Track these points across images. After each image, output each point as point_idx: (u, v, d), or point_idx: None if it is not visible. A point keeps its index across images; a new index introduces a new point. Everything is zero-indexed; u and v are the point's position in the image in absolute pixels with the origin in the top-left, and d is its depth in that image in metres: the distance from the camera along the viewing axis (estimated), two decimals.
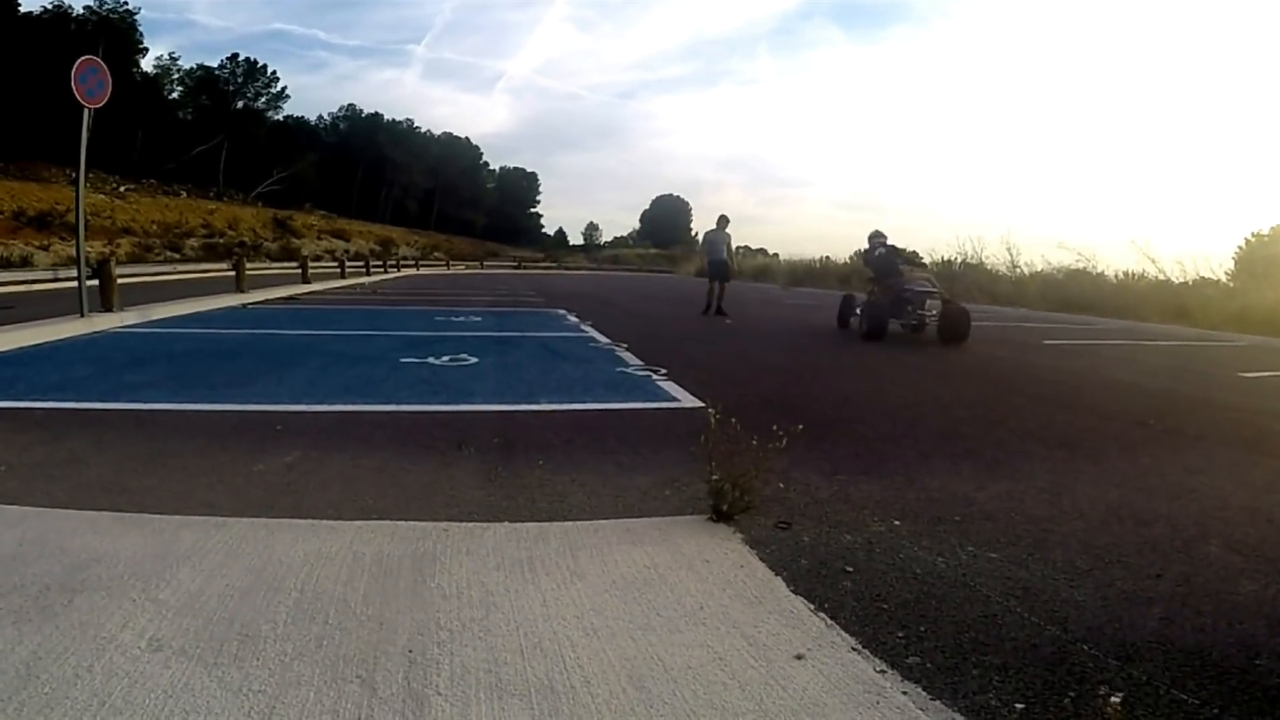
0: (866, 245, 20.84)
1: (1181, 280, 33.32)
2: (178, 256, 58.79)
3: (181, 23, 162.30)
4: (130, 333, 14.31)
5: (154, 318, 16.50)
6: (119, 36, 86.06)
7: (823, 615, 3.63)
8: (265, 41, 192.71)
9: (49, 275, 23.05)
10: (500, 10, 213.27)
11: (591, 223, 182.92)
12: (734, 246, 25.10)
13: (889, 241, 20.07)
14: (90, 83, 14.14)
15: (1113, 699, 2.97)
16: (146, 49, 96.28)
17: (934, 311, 17.85)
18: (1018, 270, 42.23)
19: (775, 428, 4.91)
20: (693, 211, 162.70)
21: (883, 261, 19.37)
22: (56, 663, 2.96)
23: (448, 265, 79.66)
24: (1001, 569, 4.29)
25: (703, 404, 7.91)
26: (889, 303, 18.29)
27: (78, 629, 3.23)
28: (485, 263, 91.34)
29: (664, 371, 10.92)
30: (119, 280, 16.68)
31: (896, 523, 5.00)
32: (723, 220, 24.14)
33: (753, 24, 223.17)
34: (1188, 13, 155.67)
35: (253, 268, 29.10)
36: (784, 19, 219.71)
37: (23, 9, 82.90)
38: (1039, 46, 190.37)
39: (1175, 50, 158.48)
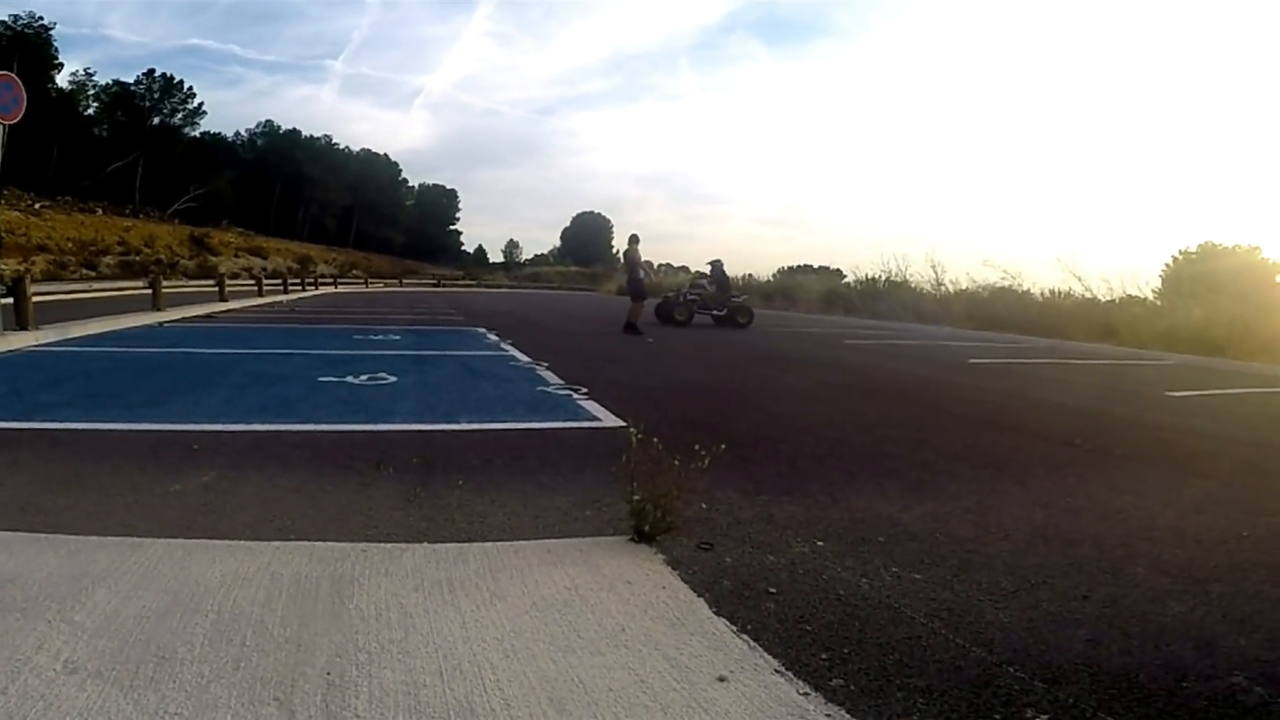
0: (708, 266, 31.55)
1: (1108, 298, 33.71)
2: (94, 274, 57.81)
3: (97, 38, 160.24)
4: (46, 351, 14.04)
5: (70, 336, 16.18)
6: (34, 51, 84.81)
7: (745, 637, 3.63)
8: (181, 57, 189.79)
9: None
10: (418, 25, 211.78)
11: (512, 240, 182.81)
12: (653, 264, 25.33)
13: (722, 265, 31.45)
14: (4, 98, 13.91)
15: None
16: (62, 64, 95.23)
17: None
18: (943, 288, 42.64)
19: (698, 447, 4.90)
20: (614, 229, 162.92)
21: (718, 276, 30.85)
22: None
23: (366, 283, 79.08)
24: (926, 590, 4.31)
25: (624, 423, 7.91)
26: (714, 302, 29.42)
27: None
28: (404, 281, 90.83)
29: (585, 390, 10.92)
30: (34, 298, 16.37)
31: (820, 543, 5.02)
32: (634, 239, 24.36)
33: (674, 39, 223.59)
34: (1116, 31, 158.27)
35: (169, 286, 28.68)
36: (705, 33, 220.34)
37: None
38: (964, 62, 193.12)
39: (1102, 69, 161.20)
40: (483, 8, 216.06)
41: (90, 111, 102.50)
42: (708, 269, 32.19)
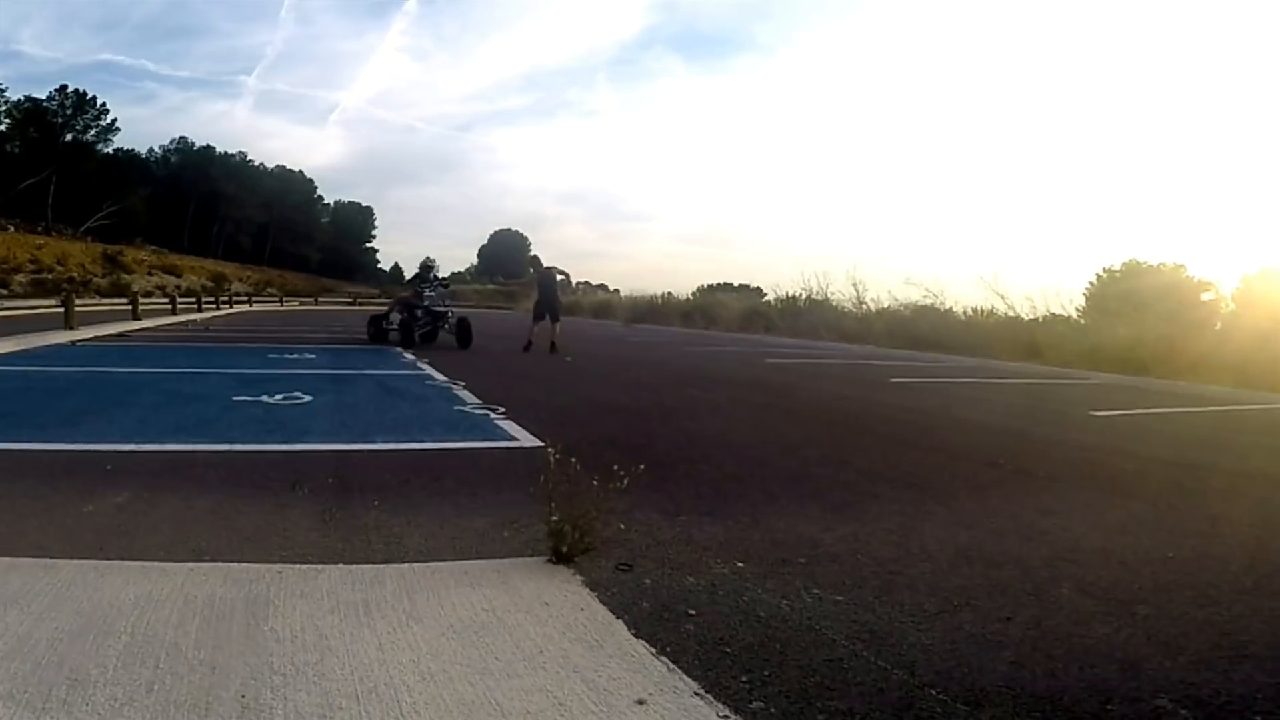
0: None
1: (1032, 317, 34.17)
2: (5, 293, 56.61)
3: (7, 53, 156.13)
4: None
5: None
6: None
7: (665, 659, 3.63)
8: (93, 73, 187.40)
9: None
10: (332, 40, 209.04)
11: (429, 257, 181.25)
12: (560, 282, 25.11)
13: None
14: None
15: None
16: None
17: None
18: (864, 306, 42.91)
19: (616, 467, 4.91)
20: (532, 246, 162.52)
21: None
22: None
23: (281, 301, 78.20)
24: (847, 612, 4.33)
25: (542, 443, 7.93)
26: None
27: None
28: (320, 299, 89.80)
29: (503, 410, 10.89)
30: None
31: (740, 565, 5.04)
32: (536, 260, 24.42)
33: (592, 53, 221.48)
34: (1036, 48, 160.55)
35: (82, 304, 28.21)
36: (623, 49, 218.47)
37: None
38: (886, 78, 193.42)
39: (1023, 84, 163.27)
40: (397, 22, 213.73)
41: (1, 128, 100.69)
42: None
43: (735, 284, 76.60)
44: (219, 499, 6.09)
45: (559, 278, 24.39)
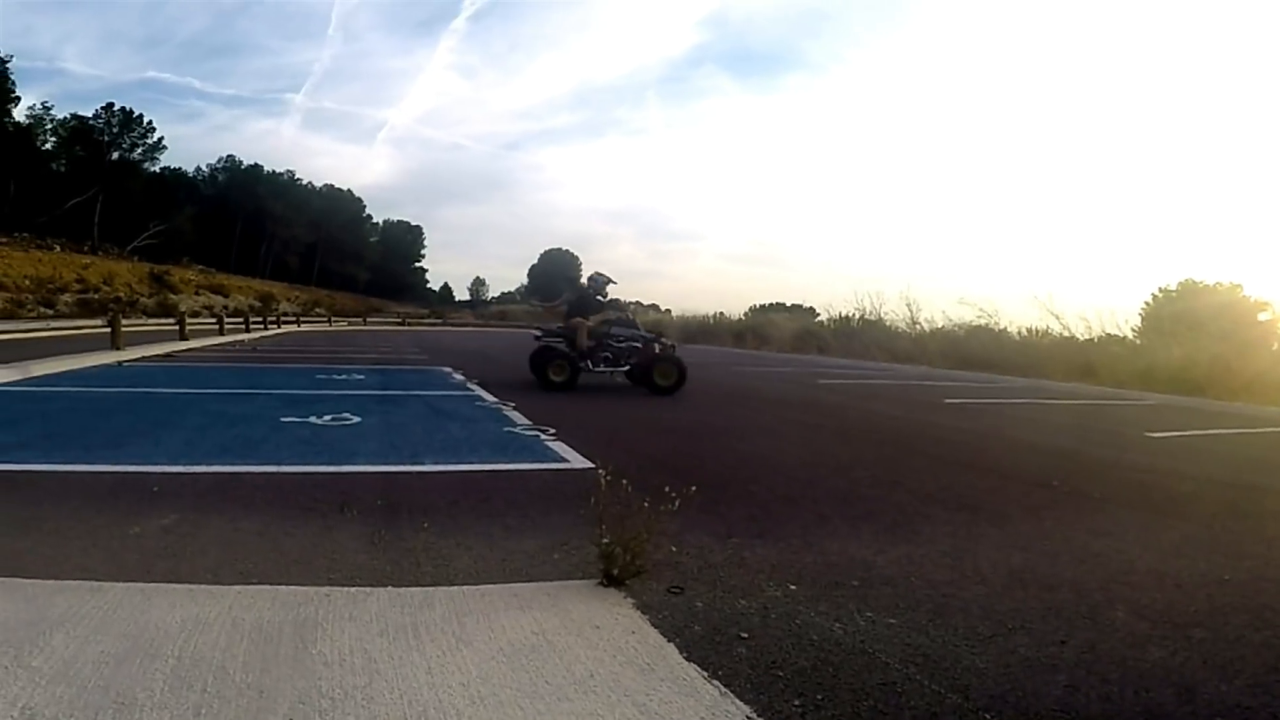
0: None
1: (1087, 337, 34.01)
2: (51, 313, 57.34)
3: (52, 71, 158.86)
4: (2, 391, 13.97)
5: (27, 375, 16.09)
6: None
7: (717, 683, 3.62)
8: (138, 90, 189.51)
9: None
10: (380, 58, 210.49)
11: (478, 278, 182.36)
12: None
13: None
14: None
15: None
16: (18, 98, 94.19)
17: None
18: (918, 327, 42.89)
19: (668, 489, 4.92)
20: (582, 266, 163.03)
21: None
22: None
23: (330, 321, 78.71)
24: (901, 635, 4.32)
25: (593, 465, 7.96)
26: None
27: None
28: (368, 319, 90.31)
29: (553, 431, 10.92)
30: None
31: (793, 587, 5.03)
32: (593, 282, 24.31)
33: (641, 71, 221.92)
34: (1095, 66, 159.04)
35: (129, 324, 28.51)
36: (673, 67, 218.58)
37: None
38: (941, 95, 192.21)
39: (1079, 103, 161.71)
40: (446, 40, 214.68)
41: (48, 146, 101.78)
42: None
43: (788, 304, 76.43)
44: (266, 521, 6.15)
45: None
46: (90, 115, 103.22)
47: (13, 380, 15.30)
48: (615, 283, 20.43)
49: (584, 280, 23.45)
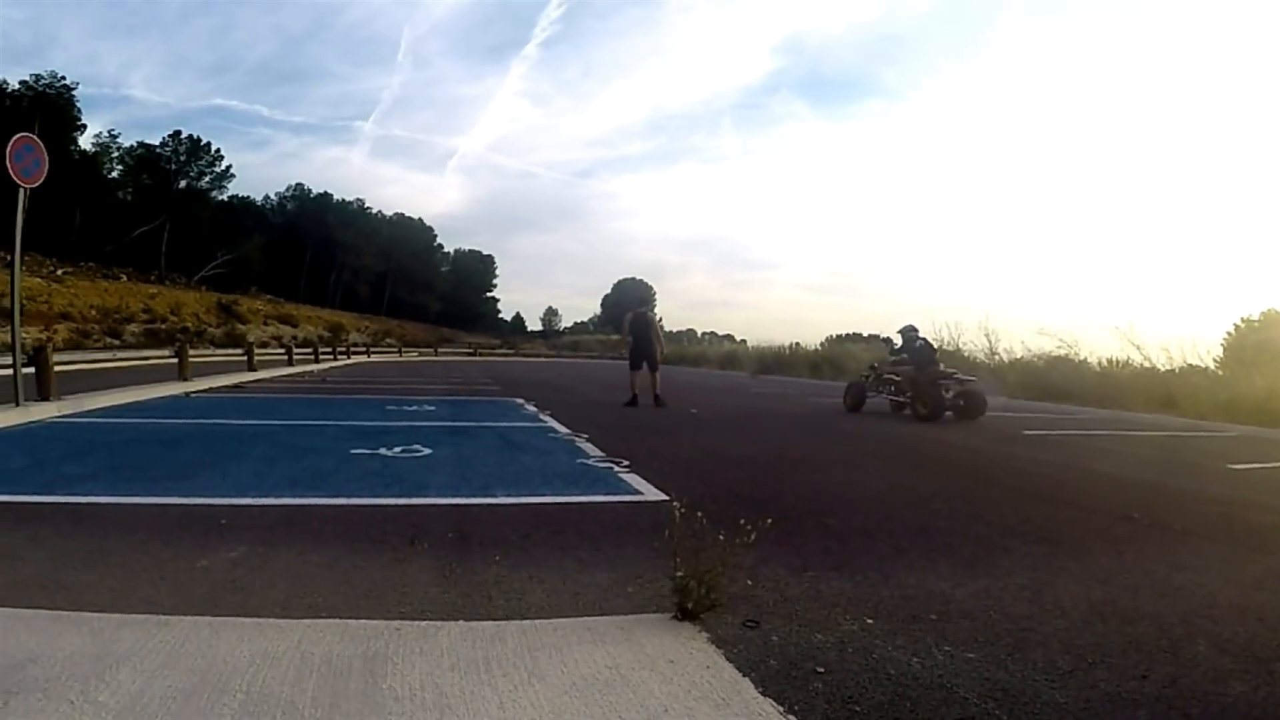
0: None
1: (1168, 368, 33.52)
2: (118, 343, 58.43)
3: (118, 98, 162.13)
4: (68, 423, 14.27)
5: (93, 407, 16.43)
6: (56, 113, 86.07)
7: (793, 718, 3.62)
8: (205, 118, 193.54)
9: None
10: (450, 84, 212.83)
11: (550, 307, 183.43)
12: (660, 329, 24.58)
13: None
14: (26, 161, 14.14)
15: None
16: (85, 126, 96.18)
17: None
18: (996, 357, 42.42)
19: (743, 522, 4.92)
20: (657, 295, 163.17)
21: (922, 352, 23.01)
22: None
23: (400, 352, 79.44)
24: (980, 669, 4.29)
25: (667, 497, 7.97)
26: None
27: None
28: (439, 349, 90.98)
29: (626, 463, 10.95)
30: (56, 368, 16.59)
31: (870, 621, 5.00)
32: (645, 303, 24.34)
33: (716, 98, 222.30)
34: (1180, 93, 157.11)
35: (196, 355, 28.98)
36: (748, 93, 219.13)
37: None
38: (1020, 122, 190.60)
39: (1160, 131, 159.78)
40: (517, 66, 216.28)
41: (114, 174, 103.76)
42: (898, 340, 24.77)
43: (864, 334, 75.85)
44: (336, 554, 6.21)
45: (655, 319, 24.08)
46: (157, 143, 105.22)
47: (79, 411, 15.62)
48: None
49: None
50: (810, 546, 6.94)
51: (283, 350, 46.56)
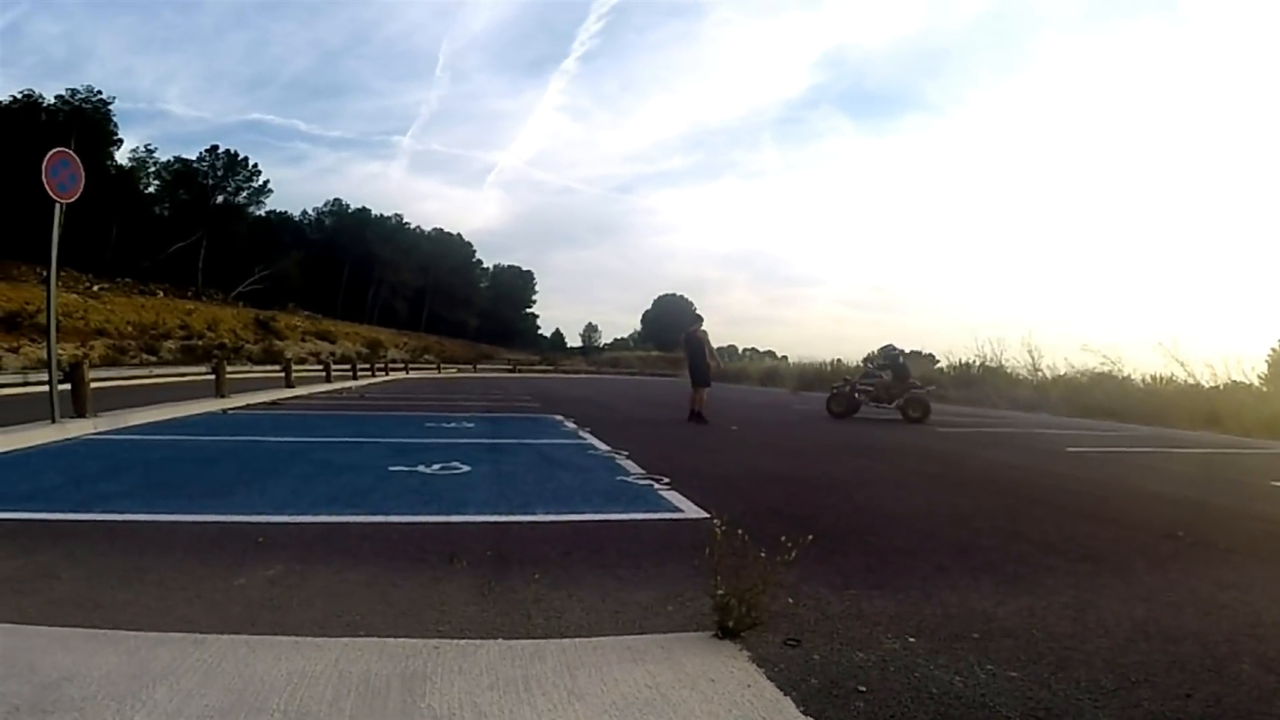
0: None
1: (1212, 384, 33.51)
2: (154, 359, 58.89)
3: (154, 113, 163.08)
4: (104, 440, 14.39)
5: (129, 424, 16.59)
6: (92, 128, 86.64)
7: None
8: (241, 132, 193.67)
9: (18, 379, 22.95)
10: (489, 99, 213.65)
11: (590, 324, 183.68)
12: (711, 346, 24.77)
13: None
14: (62, 176, 14.27)
15: None
16: (121, 140, 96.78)
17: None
18: (1040, 373, 42.52)
19: (783, 539, 4.94)
20: (697, 311, 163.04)
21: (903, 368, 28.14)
22: None
23: (439, 368, 79.70)
24: (1022, 689, 4.27)
25: (707, 515, 7.97)
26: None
27: None
28: (478, 366, 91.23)
29: (667, 481, 10.95)
30: (93, 384, 16.75)
31: (912, 640, 4.99)
32: (699, 319, 24.38)
33: (756, 113, 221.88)
34: (1218, 108, 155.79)
35: (233, 371, 29.16)
36: (789, 108, 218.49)
37: None
38: (1064, 137, 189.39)
39: (1205, 145, 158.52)
40: (555, 80, 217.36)
41: (151, 190, 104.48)
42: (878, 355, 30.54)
43: (906, 350, 75.86)
44: (374, 572, 6.23)
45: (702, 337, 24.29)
46: (194, 158, 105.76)
47: (115, 428, 15.76)
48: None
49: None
50: (852, 564, 6.94)
51: (320, 367, 46.78)
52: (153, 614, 5.11)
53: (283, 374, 33.57)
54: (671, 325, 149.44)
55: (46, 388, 14.84)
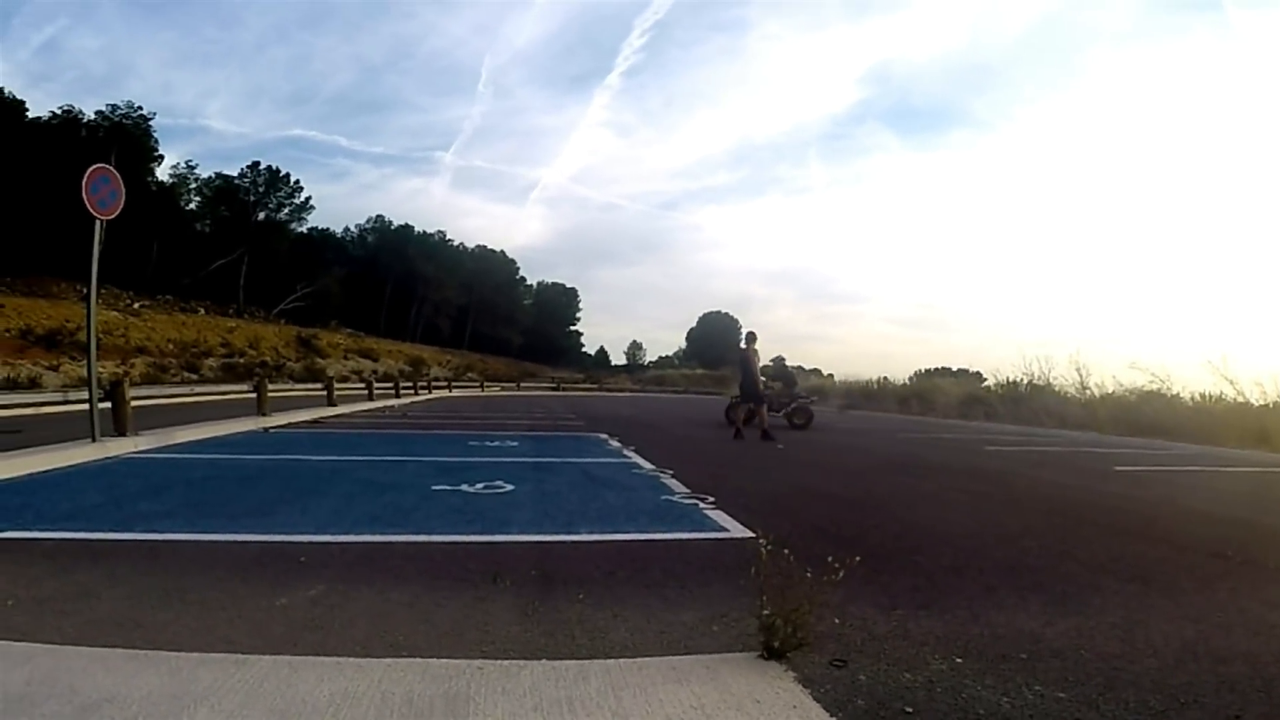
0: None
1: (1262, 403, 33.21)
2: (195, 377, 59.27)
3: (195, 128, 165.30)
4: (145, 458, 14.52)
5: (170, 442, 16.73)
6: (132, 143, 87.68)
7: None
8: (283, 148, 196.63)
9: (58, 397, 23.36)
10: (532, 115, 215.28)
11: (635, 341, 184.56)
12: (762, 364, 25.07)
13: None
14: (102, 192, 14.37)
15: None
16: (162, 156, 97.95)
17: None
18: (1088, 392, 42.28)
19: (830, 559, 4.93)
20: (743, 329, 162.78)
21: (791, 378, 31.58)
22: None
23: (482, 387, 79.98)
24: (1070, 710, 4.26)
25: (753, 534, 7.93)
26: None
27: None
28: (522, 384, 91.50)
29: (712, 500, 10.94)
30: (133, 402, 16.91)
31: (959, 660, 4.99)
32: (750, 337, 24.44)
33: (802, 129, 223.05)
34: (1266, 122, 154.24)
35: (275, 389, 29.37)
36: (835, 124, 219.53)
37: (31, 114, 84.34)
38: (1111, 152, 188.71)
39: (1255, 161, 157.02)
40: (599, 96, 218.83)
41: (192, 206, 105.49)
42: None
43: (953, 368, 75.59)
44: (417, 592, 6.26)
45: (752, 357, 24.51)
46: (235, 174, 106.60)
47: (156, 447, 15.89)
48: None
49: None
50: (898, 584, 6.92)
51: (363, 385, 47.10)
52: (194, 634, 5.15)
53: (325, 392, 33.80)
54: (717, 343, 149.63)
55: (87, 406, 14.99)
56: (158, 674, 4.31)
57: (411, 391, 52.55)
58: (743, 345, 24.88)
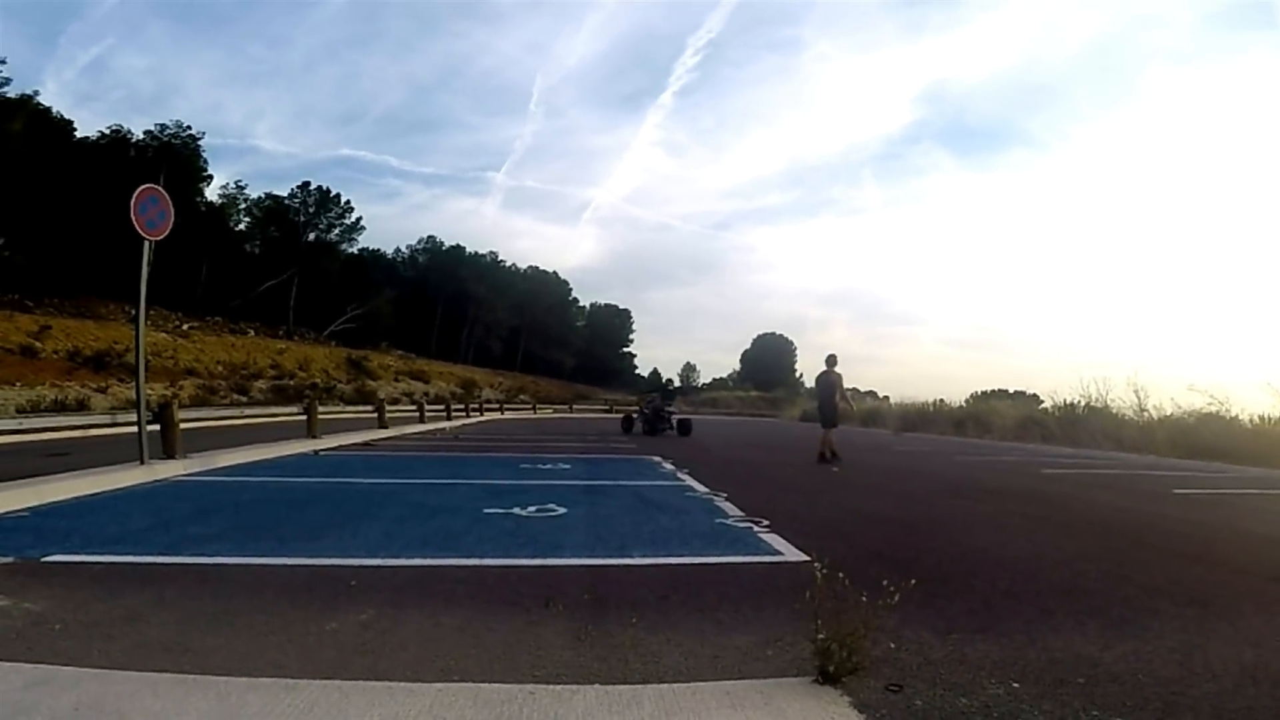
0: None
1: None
2: (245, 399, 59.64)
3: (244, 148, 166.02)
4: (194, 481, 14.64)
5: (219, 465, 16.88)
6: (181, 163, 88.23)
7: None
8: (332, 168, 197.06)
9: (107, 419, 23.43)
10: (584, 134, 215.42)
11: (688, 363, 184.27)
12: (844, 387, 25.07)
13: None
14: (151, 213, 14.49)
15: None
16: (211, 177, 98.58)
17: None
18: (1145, 414, 42.02)
19: (885, 583, 4.95)
20: (797, 351, 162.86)
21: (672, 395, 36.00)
22: None
23: (534, 409, 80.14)
24: None
25: (808, 558, 7.96)
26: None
27: None
28: (574, 406, 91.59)
29: (766, 523, 10.94)
30: (182, 425, 17.04)
31: (1015, 685, 4.98)
32: (830, 360, 24.46)
33: (856, 149, 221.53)
34: None
35: (325, 411, 29.54)
36: (889, 144, 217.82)
37: (79, 134, 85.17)
38: (1169, 174, 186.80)
39: None
40: (652, 115, 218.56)
41: (241, 227, 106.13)
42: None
43: (1010, 390, 75.26)
44: (468, 616, 6.29)
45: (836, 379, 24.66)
46: (285, 195, 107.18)
47: (205, 470, 16.03)
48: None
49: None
50: (954, 608, 6.91)
51: (414, 407, 47.23)
52: (243, 659, 5.19)
53: (375, 414, 33.90)
54: (771, 365, 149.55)
55: (135, 428, 15.13)
56: (206, 699, 4.35)
57: (463, 414, 52.63)
58: (825, 368, 24.95)
